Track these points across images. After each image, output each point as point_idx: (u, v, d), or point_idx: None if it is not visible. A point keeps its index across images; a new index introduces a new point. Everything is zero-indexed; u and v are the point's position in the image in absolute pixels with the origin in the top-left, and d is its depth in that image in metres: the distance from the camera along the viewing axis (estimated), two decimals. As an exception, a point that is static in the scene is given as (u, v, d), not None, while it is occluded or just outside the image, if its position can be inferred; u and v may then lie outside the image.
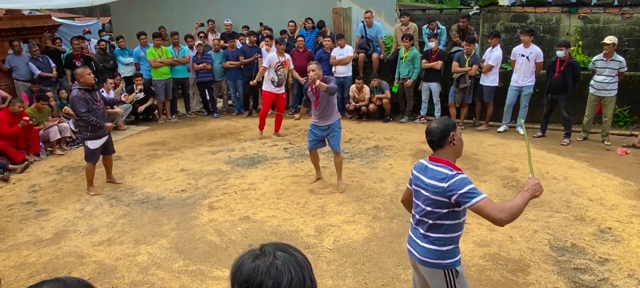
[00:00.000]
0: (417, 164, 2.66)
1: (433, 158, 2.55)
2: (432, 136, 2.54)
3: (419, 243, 2.57)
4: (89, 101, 5.40)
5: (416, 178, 2.60)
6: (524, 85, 7.73)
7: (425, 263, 2.56)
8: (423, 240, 2.55)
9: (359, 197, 5.38)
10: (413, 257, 2.64)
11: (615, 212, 4.88)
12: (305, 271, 1.23)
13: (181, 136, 8.30)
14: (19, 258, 4.26)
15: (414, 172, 2.64)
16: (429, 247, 2.53)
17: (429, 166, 2.54)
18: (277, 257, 1.23)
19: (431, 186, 2.46)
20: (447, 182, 2.39)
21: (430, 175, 2.49)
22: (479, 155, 6.77)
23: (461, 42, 8.59)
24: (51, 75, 8.80)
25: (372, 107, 8.78)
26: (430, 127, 2.58)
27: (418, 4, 17.94)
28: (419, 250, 2.57)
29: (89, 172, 5.71)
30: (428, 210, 2.50)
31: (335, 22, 9.93)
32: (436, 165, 2.50)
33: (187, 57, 9.41)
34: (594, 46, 8.34)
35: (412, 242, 2.65)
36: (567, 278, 3.73)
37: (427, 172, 2.52)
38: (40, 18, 9.93)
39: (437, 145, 2.54)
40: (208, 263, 4.09)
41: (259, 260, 1.22)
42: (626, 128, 8.13)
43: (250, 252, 1.26)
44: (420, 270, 2.65)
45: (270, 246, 1.27)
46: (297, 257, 1.25)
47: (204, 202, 5.38)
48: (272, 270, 1.19)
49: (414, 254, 2.61)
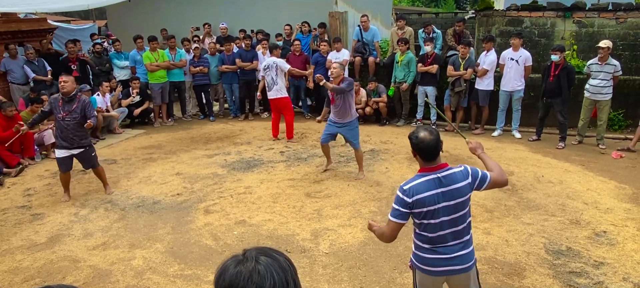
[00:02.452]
0: (420, 186, 2.47)
1: (439, 166, 2.51)
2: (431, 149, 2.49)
3: (465, 252, 2.56)
4: (54, 109, 5.30)
5: (432, 197, 2.46)
6: (514, 89, 7.77)
7: (472, 266, 2.60)
8: (468, 246, 2.58)
9: (355, 201, 5.38)
10: (458, 272, 2.57)
11: (610, 215, 4.90)
12: (288, 275, 1.22)
13: (177, 139, 8.28)
14: (13, 263, 4.23)
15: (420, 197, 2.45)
16: (472, 249, 2.60)
17: (442, 175, 2.49)
18: (260, 261, 1.21)
19: (458, 190, 2.48)
20: (467, 173, 2.53)
21: (452, 180, 2.48)
22: (475, 158, 6.75)
23: (457, 46, 8.63)
24: (46, 78, 8.76)
25: (368, 111, 8.79)
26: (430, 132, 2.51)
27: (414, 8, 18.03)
28: (467, 258, 2.57)
29: (61, 180, 5.63)
30: (461, 215, 2.52)
31: (332, 25, 9.95)
32: (446, 170, 2.52)
33: (184, 61, 9.40)
34: (589, 50, 8.38)
35: (455, 260, 2.54)
36: (563, 282, 3.74)
37: (445, 180, 2.48)
38: (35, 21, 9.90)
39: (436, 155, 2.53)
40: (203, 268, 4.07)
41: (242, 266, 1.21)
42: (621, 131, 8.18)
43: (233, 258, 1.25)
44: (462, 279, 2.60)
45: (253, 251, 1.26)
46: (280, 261, 1.24)
47: (200, 206, 5.36)
48: (255, 276, 1.18)
49: (462, 267, 2.56)
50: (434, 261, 2.57)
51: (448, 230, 2.52)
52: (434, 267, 2.57)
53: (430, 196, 2.47)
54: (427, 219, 2.50)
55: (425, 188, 2.47)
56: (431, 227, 2.52)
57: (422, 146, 2.50)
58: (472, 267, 2.61)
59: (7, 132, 6.72)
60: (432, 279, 2.63)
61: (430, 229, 2.53)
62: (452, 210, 2.49)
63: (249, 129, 8.84)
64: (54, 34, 10.64)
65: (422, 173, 2.54)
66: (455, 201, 2.49)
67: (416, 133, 2.54)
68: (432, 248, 2.56)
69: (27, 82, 8.48)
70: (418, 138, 2.51)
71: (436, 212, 2.48)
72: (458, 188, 2.49)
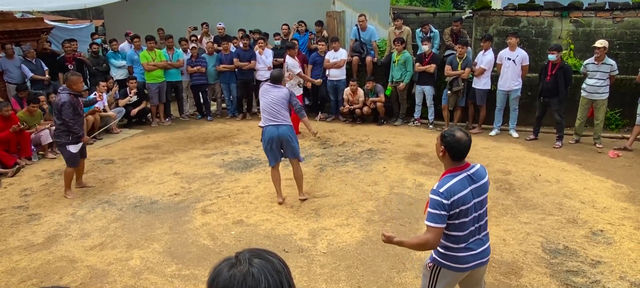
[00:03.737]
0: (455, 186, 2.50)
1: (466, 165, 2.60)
2: (466, 150, 2.59)
3: (488, 245, 2.70)
4: (76, 108, 5.52)
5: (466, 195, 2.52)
6: (511, 88, 7.79)
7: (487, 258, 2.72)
8: (487, 239, 2.71)
9: (353, 200, 5.38)
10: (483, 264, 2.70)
11: (607, 214, 4.91)
12: (282, 276, 1.22)
13: (175, 139, 8.27)
14: (10, 263, 4.21)
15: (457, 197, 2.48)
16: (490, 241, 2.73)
17: (471, 172, 2.59)
18: (253, 264, 1.20)
19: (484, 186, 2.61)
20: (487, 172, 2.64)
21: (479, 176, 2.59)
22: (472, 158, 6.74)
23: (454, 45, 8.64)
24: (43, 78, 8.74)
25: (366, 110, 8.80)
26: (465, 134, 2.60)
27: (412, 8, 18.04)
28: (489, 250, 2.71)
29: (70, 176, 5.75)
30: (485, 210, 2.65)
31: (329, 25, 9.95)
32: (472, 167, 2.61)
33: (181, 61, 9.39)
34: (586, 50, 8.41)
35: (480, 254, 2.65)
36: (560, 281, 3.75)
37: (475, 177, 2.58)
38: (32, 21, 9.86)
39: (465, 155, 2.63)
40: (201, 268, 4.07)
41: (235, 269, 1.20)
42: (618, 131, 8.20)
43: (226, 261, 1.24)
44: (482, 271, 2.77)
45: (246, 253, 1.25)
46: (274, 263, 1.23)
47: (198, 206, 5.35)
48: (249, 278, 1.17)
49: (486, 259, 2.70)
50: (466, 258, 2.62)
51: (476, 225, 2.61)
52: (466, 263, 2.64)
53: (465, 195, 2.52)
54: (460, 218, 2.54)
55: (461, 188, 2.51)
56: (462, 226, 2.56)
57: (458, 146, 2.54)
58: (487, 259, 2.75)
59: (4, 133, 6.71)
60: (457, 275, 2.69)
61: (461, 228, 2.56)
62: (479, 206, 2.59)
63: (246, 128, 8.83)
64: (51, 33, 10.60)
65: (452, 174, 2.57)
66: (481, 197, 2.59)
67: (452, 132, 2.57)
68: (465, 246, 2.61)
69: (23, 82, 8.44)
70: (455, 138, 2.55)
71: (469, 210, 2.53)
72: (484, 184, 2.60)
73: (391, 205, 5.22)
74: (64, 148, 5.60)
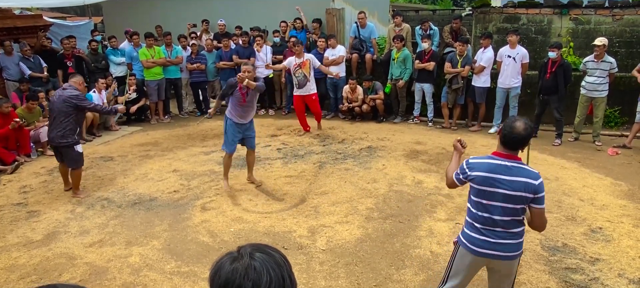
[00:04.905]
0: (488, 165, 2.62)
1: (512, 157, 2.60)
2: (521, 140, 2.57)
3: (505, 241, 2.65)
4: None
5: (489, 179, 2.59)
6: (511, 86, 7.79)
7: (513, 257, 2.70)
8: (511, 237, 2.65)
9: (352, 198, 5.39)
10: (493, 257, 2.69)
11: (606, 212, 4.92)
12: (284, 270, 1.23)
13: (174, 137, 8.27)
14: (9, 260, 4.21)
15: (482, 174, 2.61)
16: (518, 242, 2.67)
17: (513, 165, 2.57)
18: (255, 258, 1.21)
19: (520, 184, 2.53)
20: (537, 179, 2.53)
21: (522, 174, 2.55)
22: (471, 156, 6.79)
23: (454, 43, 8.63)
24: (42, 75, 8.72)
25: (365, 108, 8.79)
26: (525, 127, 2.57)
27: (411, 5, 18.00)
28: (508, 248, 2.66)
29: (80, 176, 5.65)
30: (512, 208, 2.58)
31: (329, 22, 9.94)
32: (520, 164, 2.58)
33: (180, 57, 9.38)
34: (585, 47, 8.41)
35: (493, 245, 2.66)
36: (559, 278, 3.76)
37: (511, 171, 2.56)
38: (31, 18, 9.85)
39: (520, 147, 2.62)
40: (200, 265, 4.07)
41: (237, 263, 1.21)
42: (617, 128, 8.21)
43: (228, 255, 1.25)
44: (499, 265, 2.74)
45: (248, 247, 1.26)
46: (276, 257, 1.24)
47: (197, 203, 5.35)
48: (251, 272, 1.18)
49: (498, 254, 2.67)
50: (478, 241, 2.70)
51: (494, 216, 2.63)
52: (476, 247, 2.70)
53: (489, 178, 2.59)
54: (479, 197, 2.66)
55: (487, 169, 2.61)
56: (480, 205, 2.66)
57: (510, 134, 2.60)
58: (515, 257, 2.71)
59: (3, 130, 6.70)
60: (471, 258, 2.75)
61: (477, 207, 2.67)
62: (505, 198, 2.57)
63: (246, 126, 8.82)
64: (50, 30, 10.58)
65: (493, 156, 2.66)
66: (512, 192, 2.55)
67: (513, 120, 2.63)
68: (480, 229, 2.69)
69: (22, 78, 8.42)
70: (511, 125, 2.61)
71: (494, 196, 2.59)
72: (521, 183, 2.54)
73: (390, 203, 5.22)
74: (72, 149, 5.40)
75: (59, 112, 5.29)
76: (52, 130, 5.37)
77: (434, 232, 4.56)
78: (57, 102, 5.32)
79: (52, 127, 5.37)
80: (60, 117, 5.29)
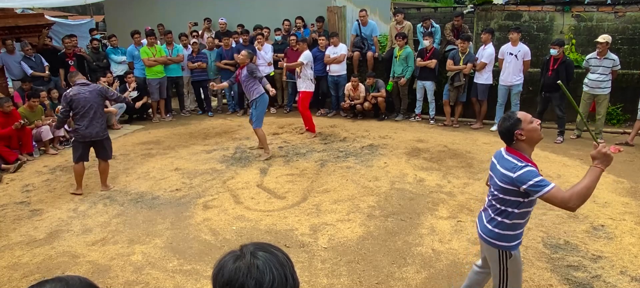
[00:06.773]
0: (497, 152, 2.83)
1: (508, 149, 2.71)
2: (500, 135, 2.73)
3: (484, 221, 2.82)
4: None
5: (493, 165, 2.78)
6: (512, 83, 7.78)
7: (484, 239, 2.83)
8: (489, 221, 2.78)
9: (354, 196, 5.39)
10: (479, 235, 2.90)
11: (608, 209, 4.91)
12: (287, 269, 1.23)
13: (175, 135, 8.28)
14: (12, 259, 4.23)
15: (492, 160, 2.83)
16: (491, 228, 2.77)
17: (504, 156, 2.70)
18: (258, 257, 1.22)
19: (501, 174, 2.63)
20: (515, 172, 2.56)
21: (502, 165, 2.66)
22: (474, 153, 6.80)
23: (455, 40, 8.62)
24: (44, 74, 8.74)
25: (367, 106, 8.79)
26: (500, 122, 2.74)
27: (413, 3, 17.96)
28: (482, 227, 2.84)
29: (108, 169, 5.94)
30: (498, 197, 2.68)
31: (330, 20, 9.93)
32: (509, 156, 2.66)
33: (181, 56, 9.38)
34: (588, 44, 8.39)
35: (479, 217, 2.92)
36: (560, 275, 3.76)
37: (502, 161, 2.69)
38: (33, 16, 9.85)
39: (507, 141, 2.71)
40: (202, 263, 4.08)
41: (240, 261, 1.21)
42: (619, 126, 8.19)
43: (231, 254, 1.25)
44: (482, 244, 2.92)
45: (251, 246, 1.26)
46: (278, 256, 1.24)
47: (199, 201, 5.36)
48: (254, 271, 1.18)
49: (478, 228, 2.90)
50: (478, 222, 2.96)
51: (488, 198, 2.83)
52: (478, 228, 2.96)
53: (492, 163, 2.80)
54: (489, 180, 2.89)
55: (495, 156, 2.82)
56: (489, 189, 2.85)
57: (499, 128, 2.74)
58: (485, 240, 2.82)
59: (6, 129, 6.71)
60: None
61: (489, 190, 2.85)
62: (494, 185, 2.72)
63: (247, 124, 8.78)
64: (52, 29, 10.59)
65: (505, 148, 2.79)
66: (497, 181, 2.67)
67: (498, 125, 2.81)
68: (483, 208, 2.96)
69: (24, 77, 8.44)
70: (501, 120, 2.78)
71: (491, 178, 2.81)
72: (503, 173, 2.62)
73: (392, 201, 5.22)
74: (109, 137, 5.73)
75: (97, 106, 5.47)
76: (94, 125, 5.45)
77: (436, 229, 4.56)
78: (91, 97, 5.40)
79: (93, 122, 5.44)
80: (99, 110, 5.51)
